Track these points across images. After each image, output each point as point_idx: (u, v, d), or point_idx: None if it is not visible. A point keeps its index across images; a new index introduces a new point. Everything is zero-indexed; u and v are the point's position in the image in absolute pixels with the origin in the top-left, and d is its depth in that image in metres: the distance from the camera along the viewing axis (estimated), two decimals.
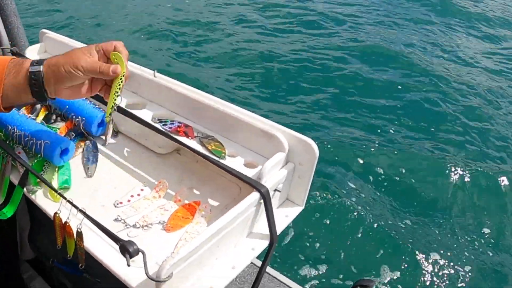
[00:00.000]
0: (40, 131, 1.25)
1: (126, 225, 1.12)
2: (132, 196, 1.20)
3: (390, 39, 6.74)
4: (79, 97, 1.04)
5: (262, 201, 1.09)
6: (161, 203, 1.19)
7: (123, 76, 1.01)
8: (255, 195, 1.07)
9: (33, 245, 1.88)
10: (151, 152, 1.37)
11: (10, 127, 1.27)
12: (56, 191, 1.10)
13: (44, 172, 1.25)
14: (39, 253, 1.89)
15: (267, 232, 1.16)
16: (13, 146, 1.27)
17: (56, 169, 1.26)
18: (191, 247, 0.94)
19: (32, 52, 1.67)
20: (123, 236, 1.08)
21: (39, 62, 0.97)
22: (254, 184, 1.08)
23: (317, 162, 1.18)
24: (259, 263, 1.83)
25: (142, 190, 1.22)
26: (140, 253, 0.93)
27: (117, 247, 0.94)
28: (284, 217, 1.23)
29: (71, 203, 1.05)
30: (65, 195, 1.16)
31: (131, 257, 0.92)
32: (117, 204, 1.18)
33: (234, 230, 1.06)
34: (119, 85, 1.01)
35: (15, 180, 1.21)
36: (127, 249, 0.92)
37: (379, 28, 7.16)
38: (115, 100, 1.02)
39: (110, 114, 1.05)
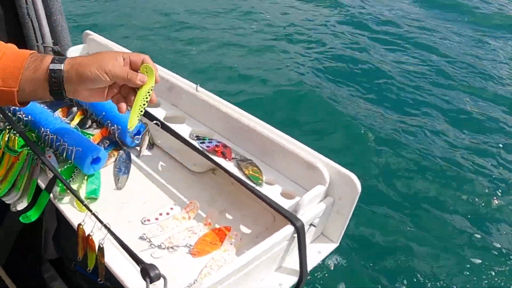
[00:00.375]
0: (73, 137, 1.21)
1: (151, 244, 1.07)
2: (160, 214, 1.15)
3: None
4: (95, 101, 0.99)
5: (295, 235, 1.02)
6: (190, 224, 1.13)
7: (151, 89, 0.97)
8: (289, 229, 1.00)
9: (57, 246, 1.86)
10: (185, 169, 1.32)
11: (43, 129, 1.24)
12: (82, 201, 1.05)
13: (73, 179, 1.21)
14: (63, 254, 1.86)
15: (297, 267, 1.09)
16: (44, 149, 1.23)
17: (86, 177, 1.22)
18: (216, 278, 0.87)
19: (75, 53, 1.65)
20: (146, 256, 1.03)
21: (60, 60, 0.92)
22: (289, 217, 1.01)
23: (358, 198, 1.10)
24: None
25: (171, 208, 1.17)
26: (161, 278, 0.87)
27: (138, 268, 0.88)
28: (317, 253, 1.16)
29: (96, 216, 1.00)
30: (92, 205, 1.12)
31: (151, 282, 0.86)
32: (144, 221, 1.13)
33: (263, 263, 0.99)
34: (146, 98, 0.96)
35: (42, 184, 1.17)
36: (148, 273, 0.86)
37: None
38: (140, 112, 0.97)
39: (131, 127, 1.00)
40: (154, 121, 1.26)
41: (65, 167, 1.21)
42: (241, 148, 1.24)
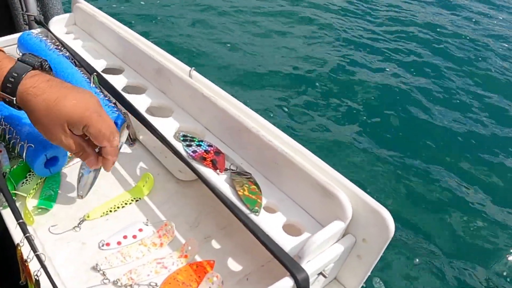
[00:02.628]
0: (26, 129, 0.94)
1: (104, 278, 0.80)
2: (125, 237, 0.88)
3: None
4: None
5: None
6: (160, 254, 0.86)
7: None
8: (287, 283, 0.72)
9: None
10: (169, 176, 1.04)
11: None
12: (18, 219, 0.79)
13: (27, 181, 0.95)
14: None
15: None
16: None
17: (42, 180, 0.95)
18: None
19: (59, 24, 1.37)
20: None
21: (13, 86, 0.77)
22: (289, 266, 0.73)
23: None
24: None
25: (140, 230, 0.90)
26: None
27: None
28: None
29: (29, 240, 0.73)
30: (42, 218, 0.88)
31: None
32: (103, 245, 0.86)
33: None
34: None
35: None
36: None
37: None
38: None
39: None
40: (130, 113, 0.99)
41: (16, 166, 0.95)
42: (239, 156, 0.96)
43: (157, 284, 0.80)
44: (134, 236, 0.88)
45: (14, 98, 0.77)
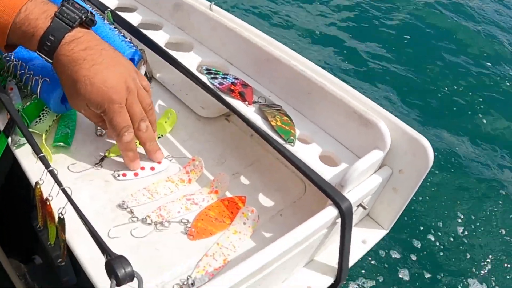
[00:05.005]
0: (40, 64, 0.88)
1: (132, 216, 0.75)
2: (142, 168, 0.83)
3: None
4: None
5: (338, 220, 0.70)
6: (189, 190, 0.82)
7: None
8: (331, 212, 0.68)
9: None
10: (190, 113, 0.99)
11: (6, 53, 0.90)
12: (38, 153, 0.73)
13: (40, 119, 0.89)
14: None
15: (334, 263, 0.78)
16: (6, 80, 0.91)
17: (57, 118, 0.90)
18: (219, 283, 0.56)
19: None
20: (123, 234, 0.72)
21: (50, 50, 0.73)
22: (332, 195, 0.69)
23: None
24: None
25: (159, 163, 0.85)
26: (134, 278, 0.56)
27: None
28: (361, 243, 0.84)
29: (52, 174, 0.68)
30: (59, 157, 0.83)
31: (118, 285, 0.56)
32: (118, 175, 0.82)
33: (291, 259, 0.67)
34: None
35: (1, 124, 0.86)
36: (115, 271, 0.55)
37: None
38: None
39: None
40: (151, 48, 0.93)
41: (30, 103, 0.89)
42: (266, 89, 0.91)
43: (189, 220, 0.76)
44: (152, 168, 0.83)
45: (52, 61, 0.74)
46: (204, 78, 0.88)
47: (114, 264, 0.56)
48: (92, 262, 0.67)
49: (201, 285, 0.68)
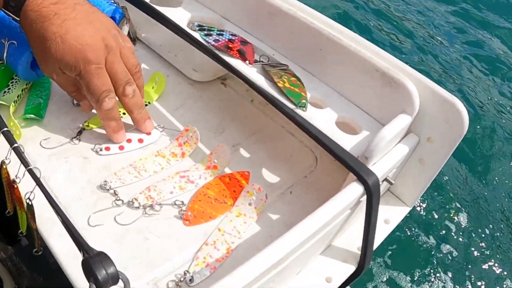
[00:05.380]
0: (8, 23, 0.75)
1: (116, 199, 0.64)
2: (129, 140, 0.71)
3: None
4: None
5: (362, 199, 0.59)
6: (183, 166, 0.70)
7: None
8: (356, 190, 0.56)
9: None
10: (181, 78, 0.86)
11: None
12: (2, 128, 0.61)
13: (9, 89, 0.76)
14: None
15: (354, 249, 0.67)
16: None
17: (28, 86, 0.77)
18: (229, 283, 0.45)
19: None
20: (107, 220, 0.60)
21: (16, 6, 0.63)
22: (357, 170, 0.57)
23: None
24: None
25: (148, 134, 0.73)
26: (119, 279, 0.45)
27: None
28: (383, 223, 0.73)
29: (18, 152, 0.56)
30: (30, 130, 0.71)
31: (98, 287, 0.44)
32: (100, 149, 0.70)
33: (309, 248, 0.56)
34: None
35: None
36: (93, 273, 0.43)
37: None
38: None
39: None
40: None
41: None
42: (269, 46, 0.78)
43: (184, 202, 0.64)
44: (140, 140, 0.71)
45: (19, 19, 0.64)
46: (197, 35, 0.76)
47: (93, 264, 0.44)
48: (70, 258, 0.56)
49: (201, 281, 0.56)
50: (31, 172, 0.53)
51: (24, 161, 0.54)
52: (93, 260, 0.44)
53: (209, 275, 0.57)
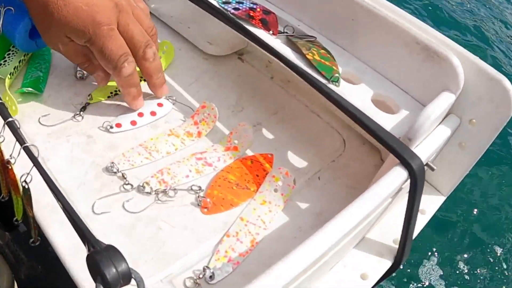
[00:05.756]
0: None
1: (125, 183, 0.56)
2: (140, 114, 0.64)
3: None
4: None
5: (405, 185, 0.51)
6: (200, 147, 0.63)
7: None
8: (400, 175, 0.49)
9: None
10: (195, 51, 0.79)
11: None
12: None
13: (5, 62, 0.68)
14: None
15: (389, 241, 0.60)
16: None
17: (26, 58, 0.69)
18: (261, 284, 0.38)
19: None
20: (114, 207, 0.53)
21: None
22: (401, 153, 0.49)
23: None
24: None
25: (160, 105, 0.66)
26: (131, 278, 0.38)
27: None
28: (419, 214, 0.66)
29: (12, 128, 0.48)
30: (28, 106, 0.64)
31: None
32: (110, 127, 0.62)
33: (344, 244, 0.49)
34: None
35: None
36: (101, 271, 0.36)
37: None
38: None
39: None
40: None
41: None
42: (294, 17, 0.70)
43: (201, 188, 0.57)
44: (153, 113, 0.64)
45: None
46: (214, 2, 0.68)
47: (100, 261, 0.37)
48: (73, 251, 0.48)
49: (223, 278, 0.49)
50: (27, 151, 0.46)
51: (19, 138, 0.47)
52: (100, 256, 0.37)
53: (232, 272, 0.50)
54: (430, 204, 0.68)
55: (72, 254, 0.48)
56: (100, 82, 0.64)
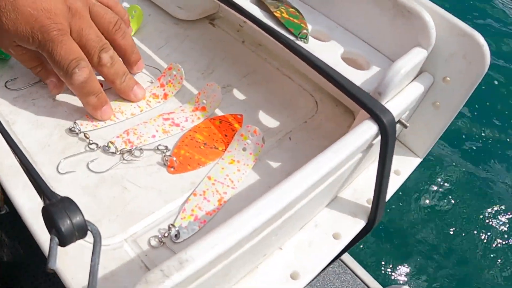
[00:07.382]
0: None
1: (89, 143, 0.55)
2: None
3: None
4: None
5: (375, 140, 0.51)
6: (166, 108, 0.61)
7: None
8: (370, 129, 0.48)
9: None
10: (165, 16, 0.77)
11: None
12: None
13: None
14: None
15: (363, 201, 0.59)
16: None
17: None
18: (218, 234, 0.36)
19: None
20: (79, 167, 0.52)
21: None
22: (370, 106, 0.49)
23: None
24: None
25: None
26: (88, 231, 0.36)
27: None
28: (393, 174, 0.65)
29: None
30: None
31: (62, 243, 0.35)
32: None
33: (315, 198, 0.48)
34: None
35: None
36: (55, 223, 0.35)
37: None
38: None
39: None
40: None
41: None
42: None
43: (168, 147, 0.56)
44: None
45: None
46: None
47: (55, 213, 0.35)
48: (35, 210, 0.47)
49: (189, 236, 0.48)
50: None
51: None
52: (55, 208, 0.35)
53: (198, 230, 0.49)
54: (406, 165, 0.67)
55: (35, 214, 0.46)
56: (52, 89, 0.59)
